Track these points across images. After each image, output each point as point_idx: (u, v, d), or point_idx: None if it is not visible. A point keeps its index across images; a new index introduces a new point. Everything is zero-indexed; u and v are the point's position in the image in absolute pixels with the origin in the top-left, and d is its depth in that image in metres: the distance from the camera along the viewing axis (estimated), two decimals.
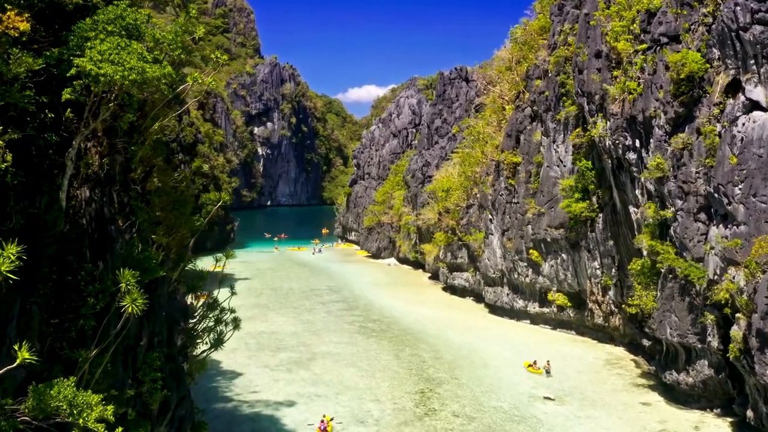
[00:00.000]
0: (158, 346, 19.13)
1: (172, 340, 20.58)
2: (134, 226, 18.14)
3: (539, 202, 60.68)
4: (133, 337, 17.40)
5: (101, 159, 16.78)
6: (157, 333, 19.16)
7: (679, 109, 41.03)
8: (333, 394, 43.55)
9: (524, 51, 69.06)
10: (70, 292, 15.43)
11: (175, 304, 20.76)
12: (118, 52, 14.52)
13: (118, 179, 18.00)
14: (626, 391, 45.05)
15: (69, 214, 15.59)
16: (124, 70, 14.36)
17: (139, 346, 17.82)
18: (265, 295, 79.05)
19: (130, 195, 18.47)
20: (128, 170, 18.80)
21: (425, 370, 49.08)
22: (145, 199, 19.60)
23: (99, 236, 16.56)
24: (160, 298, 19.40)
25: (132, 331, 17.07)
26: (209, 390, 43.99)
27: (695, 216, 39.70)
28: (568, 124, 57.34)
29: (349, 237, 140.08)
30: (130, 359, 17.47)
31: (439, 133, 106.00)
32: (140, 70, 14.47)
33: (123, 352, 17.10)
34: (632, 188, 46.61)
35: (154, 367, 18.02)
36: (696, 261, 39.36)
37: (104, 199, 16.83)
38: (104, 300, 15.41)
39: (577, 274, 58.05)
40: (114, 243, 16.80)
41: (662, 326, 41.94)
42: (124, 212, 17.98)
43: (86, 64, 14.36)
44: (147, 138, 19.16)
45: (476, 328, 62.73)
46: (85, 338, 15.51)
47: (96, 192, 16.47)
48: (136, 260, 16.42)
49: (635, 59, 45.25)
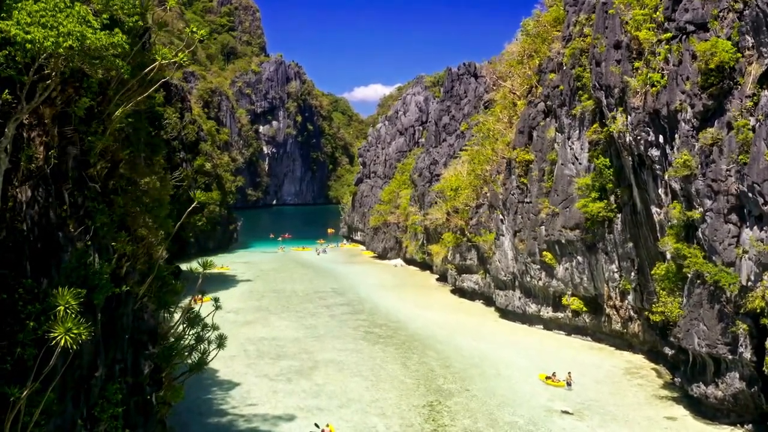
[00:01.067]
0: (120, 376, 16.35)
1: (138, 368, 17.74)
2: (89, 232, 15.40)
3: (553, 202, 57.76)
4: (86, 366, 14.64)
5: (48, 151, 14.08)
6: (118, 360, 16.40)
7: (707, 102, 38.12)
8: (335, 407, 40.77)
9: (537, 44, 66.08)
10: (4, 314, 12.69)
11: (141, 325, 18.00)
12: (53, 14, 11.72)
13: (71, 176, 15.25)
14: (649, 404, 42.12)
15: (4, 219, 12.88)
16: (58, 36, 11.59)
17: (94, 378, 15.04)
18: (267, 298, 76.37)
19: (85, 195, 15.71)
20: (85, 165, 16.06)
21: (434, 380, 46.26)
22: (106, 200, 16.81)
23: (43, 245, 13.87)
24: (123, 319, 16.66)
25: (85, 359, 14.34)
26: (204, 402, 41.31)
27: (726, 217, 36.75)
28: (584, 119, 54.37)
29: (354, 237, 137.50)
30: (83, 393, 14.71)
31: (447, 131, 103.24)
32: (79, 37, 11.72)
33: (74, 384, 14.35)
34: (655, 187, 43.69)
35: (113, 401, 15.22)
36: (727, 265, 36.43)
37: (51, 200, 14.14)
38: (47, 323, 12.63)
39: (593, 278, 55.09)
40: (62, 253, 14.10)
41: (689, 336, 39.01)
42: (77, 215, 15.22)
43: (10, 28, 11.57)
44: (108, 126, 16.38)
45: (487, 334, 59.87)
46: (24, 370, 12.77)
47: (40, 191, 13.77)
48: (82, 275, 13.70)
49: (658, 49, 42.35)
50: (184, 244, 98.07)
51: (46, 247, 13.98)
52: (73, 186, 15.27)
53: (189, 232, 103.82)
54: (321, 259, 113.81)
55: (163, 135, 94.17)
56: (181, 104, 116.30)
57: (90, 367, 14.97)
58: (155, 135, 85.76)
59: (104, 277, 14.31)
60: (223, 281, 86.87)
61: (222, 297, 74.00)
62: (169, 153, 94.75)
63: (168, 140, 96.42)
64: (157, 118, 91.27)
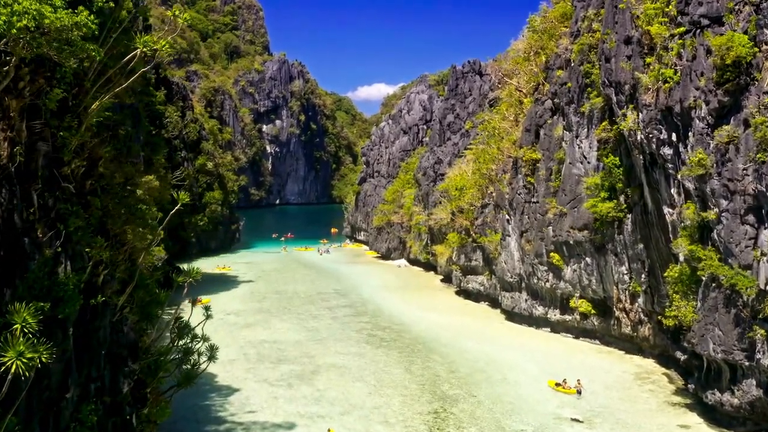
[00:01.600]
0: (96, 395, 14.99)
1: (117, 386, 16.36)
2: (60, 237, 14.04)
3: (561, 202, 56.33)
4: (55, 387, 13.30)
5: (13, 148, 12.76)
6: (94, 378, 15.03)
7: (723, 99, 36.65)
8: (337, 414, 39.43)
9: (544, 40, 64.56)
10: None
11: (121, 338, 16.63)
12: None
13: (41, 175, 13.92)
14: (661, 411, 40.71)
15: None
16: (12, 15, 10.29)
17: (65, 399, 13.70)
18: (268, 300, 75.05)
19: (57, 196, 14.37)
20: (58, 163, 14.73)
21: (439, 385, 44.90)
22: (81, 201, 15.46)
23: (6, 252, 12.55)
24: (99, 332, 15.30)
25: (54, 379, 13.00)
26: (201, 409, 40.04)
27: (743, 218, 35.29)
28: (592, 117, 52.93)
29: (358, 237, 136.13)
30: (53, 417, 13.37)
31: (452, 129, 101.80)
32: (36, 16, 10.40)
33: (42, 407, 13.02)
34: (667, 187, 42.24)
35: (88, 423, 13.80)
36: (743, 268, 34.95)
37: (16, 202, 12.81)
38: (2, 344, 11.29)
39: (602, 280, 53.64)
40: (29, 261, 12.81)
41: (704, 341, 37.58)
42: (47, 219, 13.89)
43: None
44: (84, 120, 15.03)
45: (493, 337, 58.47)
46: None
47: (3, 192, 12.46)
48: (46, 286, 12.38)
49: (671, 44, 40.86)
50: (185, 244, 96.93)
51: (10, 254, 12.64)
52: (43, 186, 13.90)
53: (190, 232, 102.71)
54: (324, 259, 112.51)
55: (164, 134, 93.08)
56: (183, 103, 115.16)
57: (60, 387, 13.61)
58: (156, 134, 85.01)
59: (69, 288, 12.94)
60: (224, 282, 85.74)
61: (223, 298, 73.94)
62: (170, 152, 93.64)
63: (169, 139, 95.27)
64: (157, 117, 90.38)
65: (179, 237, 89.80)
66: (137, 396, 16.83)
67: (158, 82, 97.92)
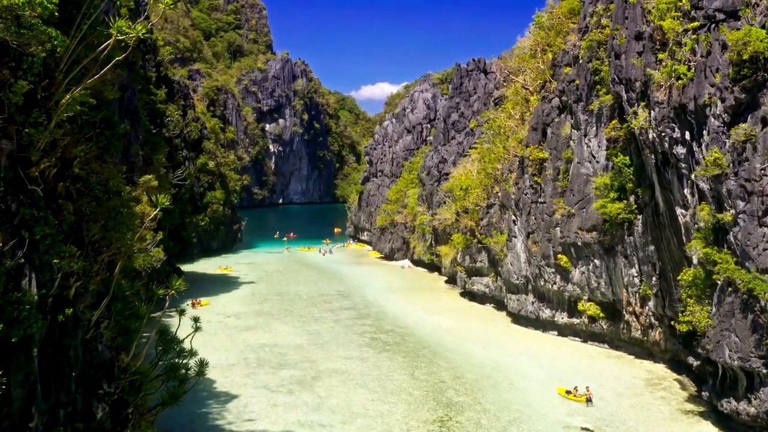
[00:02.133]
0: (66, 422, 13.64)
1: (91, 411, 15.00)
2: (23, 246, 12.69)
3: (569, 202, 54.90)
4: (17, 414, 11.99)
5: None
6: (63, 403, 13.70)
7: (740, 96, 35.20)
8: (338, 423, 38.09)
9: (551, 37, 63.05)
10: None
11: (95, 358, 15.30)
12: None
13: (4, 176, 12.60)
14: (674, 420, 39.29)
15: None
16: None
17: (28, 428, 12.36)
18: (269, 301, 73.73)
19: (21, 200, 13.04)
20: (24, 163, 13.42)
21: (444, 392, 43.53)
22: (52, 206, 14.11)
23: None
24: (69, 352, 13.96)
25: (15, 406, 11.71)
26: (198, 417, 38.75)
27: (760, 220, 33.86)
28: (601, 115, 51.50)
29: (361, 237, 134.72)
30: None
31: (456, 128, 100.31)
32: None
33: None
34: (680, 187, 40.84)
35: None
36: (761, 272, 33.54)
37: None
38: None
39: (611, 283, 52.19)
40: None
41: (719, 347, 36.15)
42: (9, 226, 12.58)
43: None
44: (54, 116, 13.70)
45: (499, 340, 57.08)
46: None
47: None
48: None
49: (685, 39, 39.46)
50: (186, 244, 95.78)
51: None
52: (6, 189, 12.59)
53: (191, 232, 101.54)
54: (327, 259, 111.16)
55: (165, 133, 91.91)
56: (184, 101, 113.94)
57: (21, 415, 12.25)
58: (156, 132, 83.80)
59: (24, 308, 11.59)
60: (225, 283, 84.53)
61: (223, 300, 72.66)
62: (171, 151, 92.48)
63: (170, 138, 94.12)
64: (158, 116, 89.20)
65: (180, 237, 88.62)
66: (117, 419, 15.49)
67: (159, 80, 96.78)
